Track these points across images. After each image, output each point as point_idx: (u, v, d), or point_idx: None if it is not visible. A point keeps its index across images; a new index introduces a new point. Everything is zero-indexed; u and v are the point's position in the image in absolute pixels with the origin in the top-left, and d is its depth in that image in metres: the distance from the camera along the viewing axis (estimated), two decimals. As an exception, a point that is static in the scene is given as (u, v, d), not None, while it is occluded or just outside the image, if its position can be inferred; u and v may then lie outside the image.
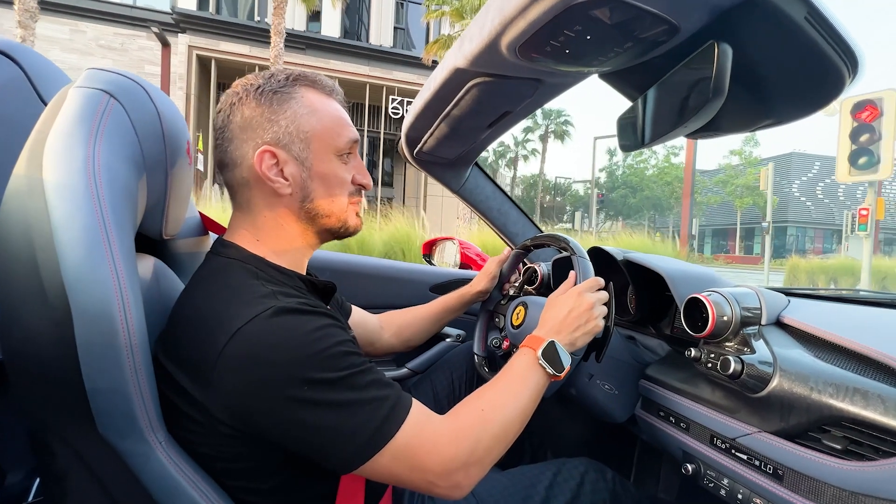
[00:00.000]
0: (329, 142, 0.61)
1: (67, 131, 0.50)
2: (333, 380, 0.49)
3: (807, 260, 11.48)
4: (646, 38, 0.49)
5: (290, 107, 0.59)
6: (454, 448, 0.53)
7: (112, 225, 0.48)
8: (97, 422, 0.47)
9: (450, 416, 0.57)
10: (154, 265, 0.67)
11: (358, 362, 0.52)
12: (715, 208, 37.89)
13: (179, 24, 11.28)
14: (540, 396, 0.64)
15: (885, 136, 5.93)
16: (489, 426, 0.57)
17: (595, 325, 0.73)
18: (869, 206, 7.16)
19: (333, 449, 0.49)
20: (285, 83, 0.60)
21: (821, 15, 0.45)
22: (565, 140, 30.52)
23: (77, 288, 0.45)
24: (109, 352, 0.46)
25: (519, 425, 0.61)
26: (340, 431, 0.49)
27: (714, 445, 0.72)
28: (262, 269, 0.59)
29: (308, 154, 0.60)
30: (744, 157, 28.60)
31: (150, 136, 0.59)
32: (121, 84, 0.57)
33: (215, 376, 0.48)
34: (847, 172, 6.30)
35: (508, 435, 0.59)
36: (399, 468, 0.51)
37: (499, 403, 0.60)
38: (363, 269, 1.34)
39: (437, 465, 0.52)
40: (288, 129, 0.59)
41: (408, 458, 0.51)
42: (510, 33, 0.50)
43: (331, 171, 0.62)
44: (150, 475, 0.49)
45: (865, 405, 0.54)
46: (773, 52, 0.49)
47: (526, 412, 0.62)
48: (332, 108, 0.63)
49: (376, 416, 0.50)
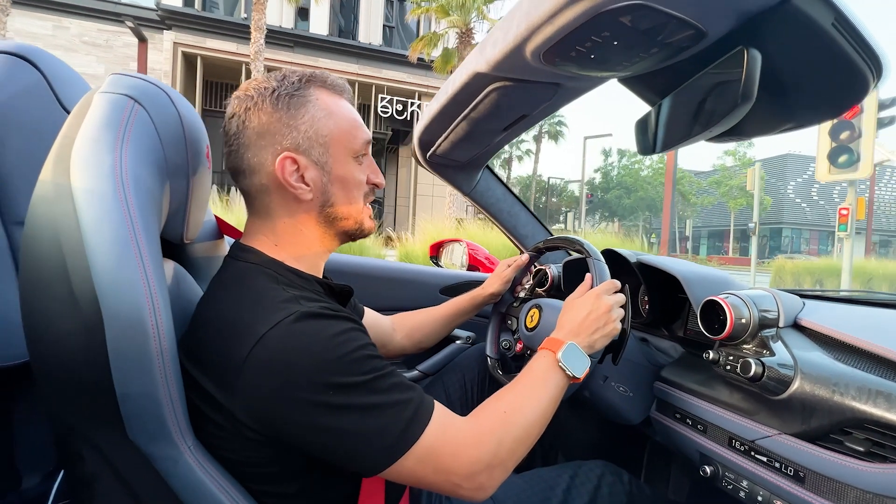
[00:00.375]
0: (346, 144, 0.61)
1: (94, 137, 0.50)
2: (357, 384, 0.49)
3: (793, 261, 11.56)
4: (672, 43, 0.49)
5: (308, 111, 0.59)
6: (478, 450, 0.54)
7: (141, 230, 0.48)
8: (127, 426, 0.47)
9: (471, 419, 0.57)
10: (175, 269, 0.68)
11: (380, 366, 0.52)
12: (711, 209, 37.89)
13: (165, 21, 11.20)
14: (560, 398, 0.65)
15: (864, 133, 5.82)
16: (511, 428, 0.57)
17: (613, 328, 0.73)
18: (849, 206, 7.05)
19: (358, 453, 0.49)
20: (299, 85, 0.59)
21: (848, 21, 0.45)
22: (559, 140, 30.49)
23: (108, 293, 0.45)
24: (141, 356, 0.46)
25: (540, 427, 0.61)
26: (365, 435, 0.49)
27: (733, 447, 0.72)
28: (282, 273, 0.59)
29: (328, 158, 0.60)
30: (738, 158, 28.56)
31: (173, 140, 0.60)
32: (144, 89, 0.57)
33: (241, 381, 0.48)
34: (827, 171, 6.20)
35: (530, 436, 0.59)
36: (424, 471, 0.51)
37: (519, 405, 0.60)
38: (373, 272, 1.34)
39: (462, 467, 0.53)
40: (307, 133, 0.58)
41: (432, 460, 0.51)
42: (536, 39, 0.51)
43: (349, 174, 0.62)
44: (179, 479, 0.49)
45: (889, 407, 0.54)
46: (799, 56, 0.49)
47: (547, 414, 0.62)
48: (345, 108, 0.62)
49: (401, 419, 0.50)
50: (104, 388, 0.46)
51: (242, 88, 0.60)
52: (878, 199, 37.11)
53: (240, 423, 0.50)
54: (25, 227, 0.49)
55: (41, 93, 0.68)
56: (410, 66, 12.87)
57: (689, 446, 0.81)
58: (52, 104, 0.69)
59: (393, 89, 13.11)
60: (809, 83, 0.52)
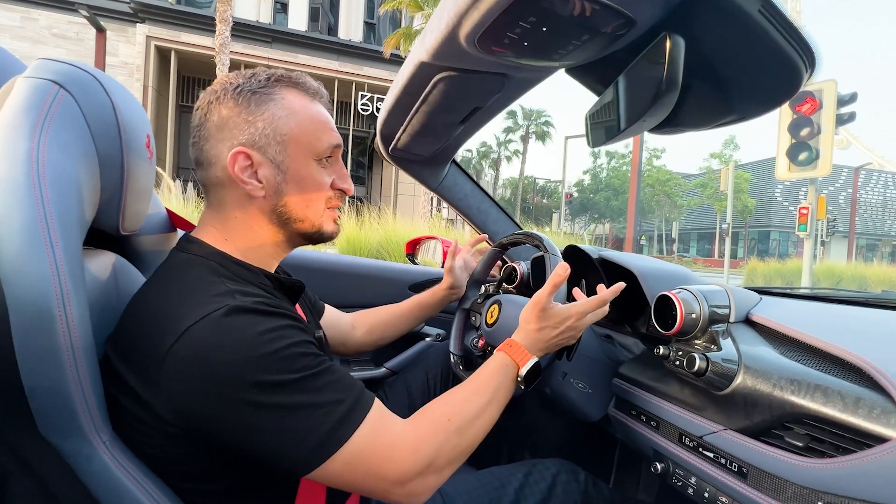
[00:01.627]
0: (307, 145, 0.60)
1: (11, 122, 0.48)
2: (284, 382, 0.47)
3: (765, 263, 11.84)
4: (602, 31, 0.48)
5: (269, 108, 0.58)
6: (413, 456, 0.52)
7: (54, 219, 0.47)
8: (37, 421, 0.46)
9: (411, 422, 0.56)
10: (114, 262, 0.66)
11: (313, 364, 0.50)
12: (700, 212, 38.22)
13: (138, 14, 11.03)
14: (506, 402, 0.64)
15: (824, 130, 5.80)
16: (452, 436, 0.56)
17: (572, 338, 0.73)
18: (809, 205, 7.03)
19: (283, 453, 0.48)
20: (266, 83, 0.58)
21: (775, 7, 0.44)
22: (546, 141, 30.62)
23: (14, 283, 0.43)
24: (48, 349, 0.44)
25: (481, 434, 0.60)
26: (291, 435, 0.47)
27: (682, 444, 0.72)
28: (226, 265, 0.57)
29: (284, 157, 0.58)
30: (723, 161, 28.84)
31: (104, 128, 0.58)
32: (72, 75, 0.56)
33: (162, 375, 0.47)
34: (787, 169, 6.16)
35: (471, 444, 0.58)
36: (353, 474, 0.50)
37: (465, 408, 0.59)
38: (342, 269, 1.33)
39: (393, 473, 0.51)
40: (265, 130, 0.57)
41: (362, 463, 0.50)
42: (466, 25, 0.50)
43: (307, 176, 0.60)
44: (94, 476, 0.48)
45: (825, 402, 0.54)
46: (730, 45, 0.48)
47: (490, 422, 0.61)
48: (313, 110, 0.61)
49: (329, 420, 0.49)
50: (10, 381, 0.44)
51: (213, 83, 0.61)
52: (865, 202, 37.63)
53: (161, 418, 0.48)
54: None
55: None
56: (392, 64, 12.80)
57: (644, 443, 0.81)
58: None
59: (374, 87, 13.03)
60: (743, 73, 0.51)
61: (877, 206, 38.53)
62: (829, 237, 9.18)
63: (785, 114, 6.04)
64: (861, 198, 36.74)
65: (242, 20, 11.38)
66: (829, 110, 5.76)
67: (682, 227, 36.58)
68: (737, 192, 23.04)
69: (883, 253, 33.99)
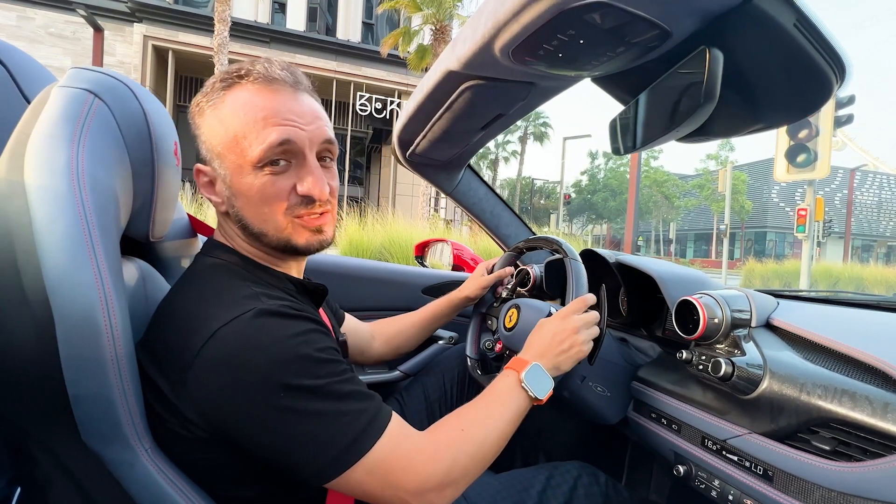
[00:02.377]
0: (239, 155, 0.54)
1: (50, 132, 0.49)
2: (311, 387, 0.48)
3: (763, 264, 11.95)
4: (638, 43, 0.49)
5: (206, 120, 0.56)
6: (430, 467, 0.52)
7: (96, 228, 0.47)
8: (80, 429, 0.46)
9: (428, 434, 0.56)
10: (141, 268, 0.66)
11: (338, 370, 0.51)
12: (697, 213, 38.34)
13: (135, 14, 11.01)
14: (520, 419, 0.64)
15: (822, 131, 5.82)
16: (467, 446, 0.56)
17: (579, 350, 0.72)
18: (807, 207, 7.04)
19: (305, 459, 0.48)
20: (221, 88, 0.56)
21: (809, 21, 0.45)
22: (544, 142, 30.65)
23: (59, 292, 0.44)
24: (93, 357, 0.45)
25: (497, 447, 0.60)
26: (314, 442, 0.47)
27: (705, 447, 0.72)
28: (251, 270, 0.58)
29: (224, 170, 0.55)
30: (720, 162, 28.96)
31: (137, 136, 0.58)
32: (106, 83, 0.56)
33: (190, 377, 0.47)
34: (785, 171, 6.17)
35: (487, 456, 0.58)
36: (372, 484, 0.50)
37: (479, 423, 0.59)
38: (356, 272, 1.33)
39: (412, 484, 0.51)
40: (206, 144, 0.57)
41: (382, 474, 0.50)
42: (503, 37, 0.50)
43: (249, 187, 0.54)
44: (136, 483, 0.48)
45: (853, 406, 0.55)
46: (763, 57, 0.49)
47: (506, 434, 0.61)
48: (247, 110, 0.53)
49: (353, 429, 0.49)
50: (56, 390, 0.44)
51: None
52: (861, 203, 37.85)
53: (188, 421, 0.49)
54: None
55: (5, 86, 0.66)
56: (390, 64, 12.82)
57: (664, 446, 0.82)
58: (15, 98, 0.67)
59: (372, 87, 13.05)
60: (775, 84, 0.52)
61: (872, 207, 38.78)
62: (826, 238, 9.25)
63: (783, 115, 6.06)
64: (856, 199, 36.96)
65: (241, 20, 11.37)
66: (828, 112, 5.80)
67: (679, 228, 36.68)
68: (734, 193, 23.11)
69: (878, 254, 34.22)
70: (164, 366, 0.50)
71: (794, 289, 3.08)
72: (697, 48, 0.49)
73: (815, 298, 0.99)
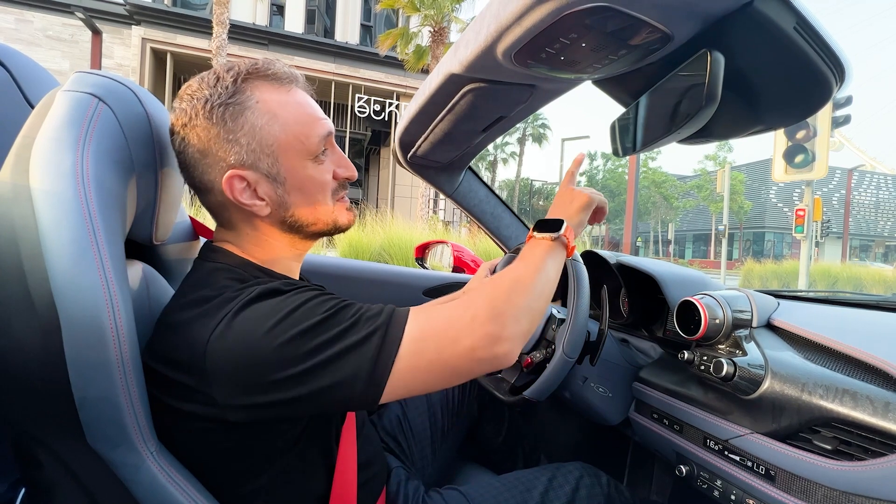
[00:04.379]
0: (299, 148, 0.56)
1: (55, 136, 0.49)
2: (317, 322, 0.47)
3: (761, 264, 11.94)
4: (639, 46, 0.49)
5: (247, 119, 0.53)
6: (472, 308, 0.50)
7: (101, 231, 0.47)
8: (86, 432, 0.46)
9: (460, 296, 0.55)
10: (143, 271, 0.66)
11: (337, 302, 0.51)
12: (696, 213, 38.42)
13: (133, 16, 11.03)
14: (557, 262, 0.61)
15: (820, 132, 5.85)
16: (503, 285, 0.53)
17: (582, 196, 0.69)
18: (805, 207, 7.07)
19: (351, 376, 0.46)
20: (234, 89, 0.53)
21: (809, 25, 0.46)
22: (543, 143, 30.70)
23: (65, 296, 0.44)
24: (99, 360, 0.45)
25: (540, 283, 0.56)
26: (348, 356, 0.47)
27: (707, 447, 0.73)
28: (249, 271, 0.58)
29: (279, 168, 0.55)
30: (719, 163, 29.05)
31: (140, 139, 0.59)
32: (109, 87, 0.56)
33: (208, 364, 0.47)
34: (784, 171, 6.19)
35: (529, 290, 0.54)
36: (427, 359, 0.48)
37: (510, 273, 0.56)
38: (356, 273, 1.33)
39: (464, 328, 0.48)
40: (251, 146, 0.53)
41: (429, 341, 0.48)
42: (506, 40, 0.51)
43: (307, 179, 0.57)
44: (141, 486, 0.48)
45: (854, 406, 0.55)
46: (764, 59, 0.50)
47: (543, 274, 0.58)
48: (293, 105, 0.56)
49: (378, 326, 0.48)
50: (62, 393, 0.44)
51: (179, 96, 0.56)
52: (858, 203, 37.96)
53: (221, 405, 0.48)
54: None
55: (8, 91, 0.66)
56: (388, 66, 12.85)
57: (665, 446, 0.82)
58: (19, 102, 0.68)
59: (370, 89, 13.08)
60: (775, 86, 0.53)
61: (869, 207, 38.92)
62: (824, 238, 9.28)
63: (781, 115, 6.09)
64: (854, 199, 37.09)
65: (239, 22, 11.38)
66: (826, 113, 5.83)
67: (678, 228, 36.77)
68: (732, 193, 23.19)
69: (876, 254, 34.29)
70: (180, 364, 0.49)
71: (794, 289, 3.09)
72: (699, 51, 0.50)
73: (816, 298, 0.99)
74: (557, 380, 0.81)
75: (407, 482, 0.76)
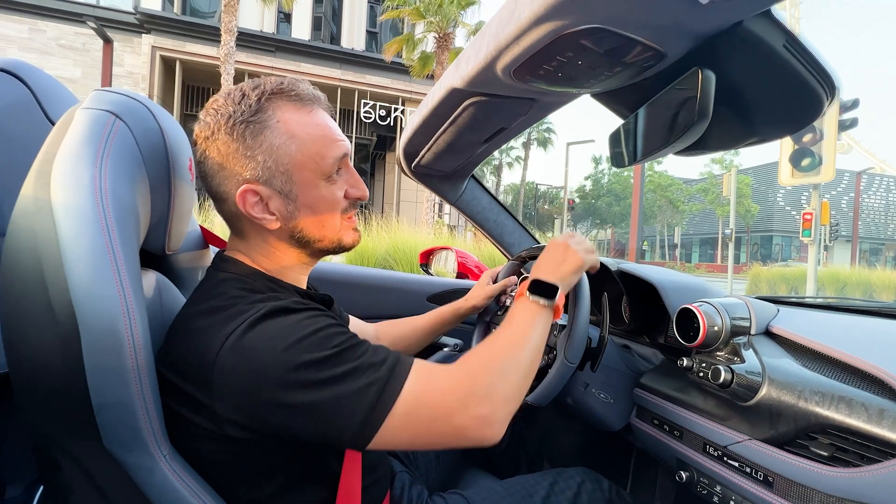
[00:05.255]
0: (314, 168, 0.58)
1: (75, 153, 0.51)
2: (326, 357, 0.49)
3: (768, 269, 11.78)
4: (634, 63, 0.51)
5: (266, 138, 0.55)
6: (469, 385, 0.52)
7: (118, 243, 0.50)
8: (103, 436, 0.48)
9: (458, 363, 0.56)
10: (157, 279, 0.69)
11: (347, 339, 0.52)
12: (702, 217, 38.16)
13: (143, 25, 11.19)
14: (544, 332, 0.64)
15: (826, 135, 5.79)
16: (500, 361, 0.56)
17: (576, 257, 0.72)
18: (813, 210, 6.97)
19: (343, 422, 0.48)
20: (257, 107, 0.56)
21: (798, 42, 0.47)
22: (548, 147, 30.71)
23: (84, 305, 0.46)
24: (116, 367, 0.47)
25: (530, 359, 0.59)
26: (345, 401, 0.48)
27: (707, 453, 0.74)
28: (260, 282, 0.60)
29: (292, 186, 0.58)
30: (725, 166, 28.89)
31: (154, 154, 0.61)
32: (126, 104, 0.59)
33: (215, 377, 0.49)
34: (790, 175, 6.11)
35: (522, 369, 0.57)
36: (419, 421, 0.50)
37: (505, 343, 0.59)
38: (362, 280, 1.35)
39: (457, 404, 0.51)
40: (266, 163, 0.56)
41: (424, 407, 0.50)
42: (505, 58, 0.53)
43: (318, 198, 0.60)
44: (154, 488, 0.50)
45: (850, 413, 0.56)
46: (755, 76, 0.51)
47: (534, 346, 0.61)
48: (312, 127, 0.58)
49: (377, 378, 0.49)
50: (80, 398, 0.46)
51: (205, 109, 0.59)
52: (868, 206, 37.54)
53: (221, 420, 0.50)
54: (6, 240, 0.50)
55: (28, 107, 0.69)
56: (394, 72, 12.95)
57: (666, 452, 0.83)
58: (38, 118, 0.70)
59: (376, 95, 13.18)
60: (768, 100, 0.54)
61: (879, 210, 38.46)
62: (833, 242, 9.15)
63: (786, 119, 6.06)
64: (863, 202, 36.68)
65: (246, 30, 11.52)
66: (832, 116, 5.79)
67: (684, 232, 36.52)
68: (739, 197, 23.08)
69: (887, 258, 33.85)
70: (188, 374, 0.52)
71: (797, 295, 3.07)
72: (692, 66, 0.51)
73: (818, 305, 1.00)
74: (559, 386, 0.82)
75: (411, 487, 0.77)
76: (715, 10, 0.42)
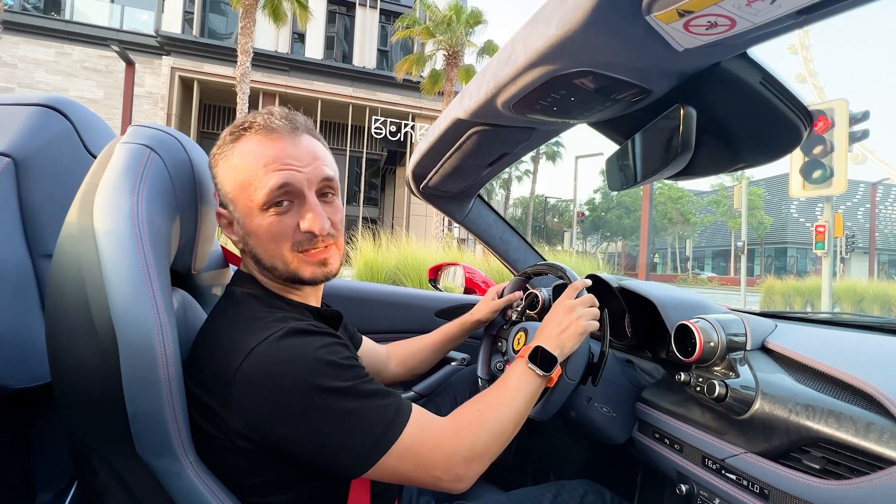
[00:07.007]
0: (247, 199, 0.60)
1: (115, 184, 0.57)
2: (341, 388, 0.54)
3: (783, 281, 11.44)
4: (623, 100, 0.55)
5: (220, 168, 0.63)
6: (454, 443, 0.59)
7: (153, 266, 0.55)
8: (136, 443, 0.52)
9: (449, 418, 0.62)
10: (182, 297, 0.74)
11: (361, 373, 0.58)
12: (714, 229, 37.72)
13: (164, 47, 11.68)
14: (533, 398, 0.70)
15: (837, 147, 5.74)
16: (486, 425, 0.62)
17: (578, 325, 0.77)
18: (825, 223, 6.85)
19: (344, 453, 0.54)
20: (230, 139, 0.62)
21: (774, 79, 0.51)
22: (557, 161, 30.84)
23: (123, 323, 0.51)
24: (150, 378, 0.51)
25: (514, 424, 0.66)
26: (350, 436, 0.54)
27: (706, 466, 0.75)
28: (272, 299, 0.65)
29: (237, 214, 0.62)
30: (735, 178, 28.64)
31: (184, 182, 0.67)
32: (160, 138, 0.65)
33: (234, 393, 0.53)
34: (801, 187, 6.06)
35: (505, 433, 0.65)
36: (406, 466, 0.56)
37: (495, 405, 0.66)
38: (373, 296, 1.40)
39: (440, 460, 0.58)
40: (223, 190, 0.63)
41: (413, 456, 0.56)
42: (504, 95, 0.58)
43: (258, 228, 0.61)
44: (181, 492, 0.54)
45: (839, 427, 0.58)
46: (736, 109, 0.55)
47: (520, 412, 0.68)
48: (253, 158, 0.60)
49: (382, 421, 0.55)
50: (117, 407, 0.51)
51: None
52: (885, 217, 36.79)
53: (235, 433, 0.54)
54: (53, 263, 0.56)
55: (70, 140, 0.76)
56: (404, 89, 13.27)
57: (667, 465, 0.85)
58: (79, 150, 0.77)
59: (387, 111, 13.50)
60: (749, 131, 0.58)
61: (895, 220, 37.68)
62: (849, 254, 8.96)
63: (797, 132, 6.03)
64: (880, 213, 35.95)
65: (262, 50, 11.91)
66: (842, 128, 5.76)
67: (696, 244, 36.09)
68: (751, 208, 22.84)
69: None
70: (209, 386, 0.56)
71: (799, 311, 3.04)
72: (678, 100, 0.56)
73: (818, 320, 1.02)
74: (560, 400, 0.84)
75: (419, 497, 0.80)
76: (690, 54, 0.46)
